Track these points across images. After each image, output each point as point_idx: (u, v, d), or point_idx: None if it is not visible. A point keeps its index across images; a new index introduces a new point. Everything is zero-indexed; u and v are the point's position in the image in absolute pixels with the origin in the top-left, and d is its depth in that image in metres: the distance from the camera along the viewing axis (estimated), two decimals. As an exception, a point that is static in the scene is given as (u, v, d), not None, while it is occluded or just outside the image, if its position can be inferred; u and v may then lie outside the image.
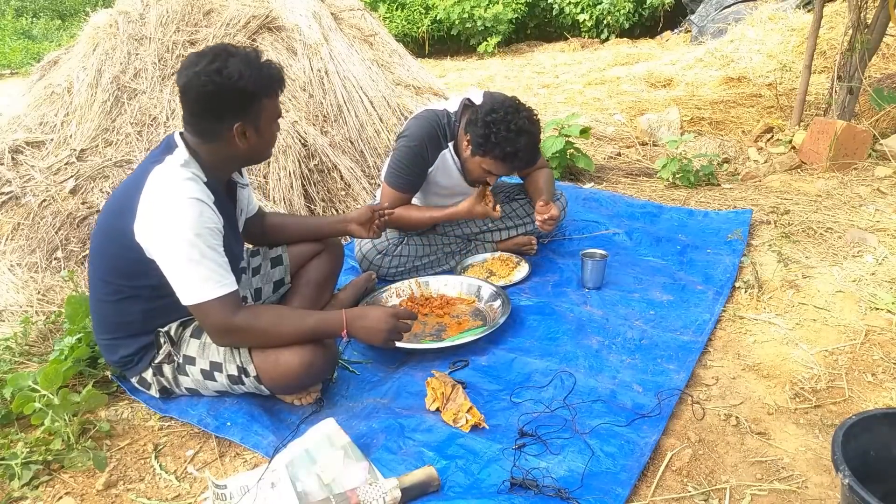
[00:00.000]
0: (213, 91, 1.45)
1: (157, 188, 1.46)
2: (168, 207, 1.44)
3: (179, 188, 1.45)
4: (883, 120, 4.02)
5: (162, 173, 1.47)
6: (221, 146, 1.55)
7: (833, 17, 5.98)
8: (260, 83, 1.50)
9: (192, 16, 3.44)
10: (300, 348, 1.58)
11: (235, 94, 1.47)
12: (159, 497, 1.46)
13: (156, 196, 1.45)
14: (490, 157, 2.14)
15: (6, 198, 2.71)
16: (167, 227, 1.43)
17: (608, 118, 5.13)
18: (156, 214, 1.45)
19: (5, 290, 2.36)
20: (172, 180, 1.46)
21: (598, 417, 1.63)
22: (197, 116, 1.52)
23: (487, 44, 10.12)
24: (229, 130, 1.51)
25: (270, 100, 1.56)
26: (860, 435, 1.23)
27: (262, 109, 1.54)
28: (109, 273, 1.58)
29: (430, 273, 2.46)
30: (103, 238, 1.58)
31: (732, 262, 2.48)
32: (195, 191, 1.46)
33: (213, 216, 1.49)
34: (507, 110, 2.08)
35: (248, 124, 1.53)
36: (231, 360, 1.62)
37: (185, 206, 1.43)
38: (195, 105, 1.50)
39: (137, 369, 1.68)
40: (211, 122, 1.51)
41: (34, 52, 11.45)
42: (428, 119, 2.27)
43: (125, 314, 1.61)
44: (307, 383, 1.69)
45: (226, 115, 1.50)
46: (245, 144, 1.55)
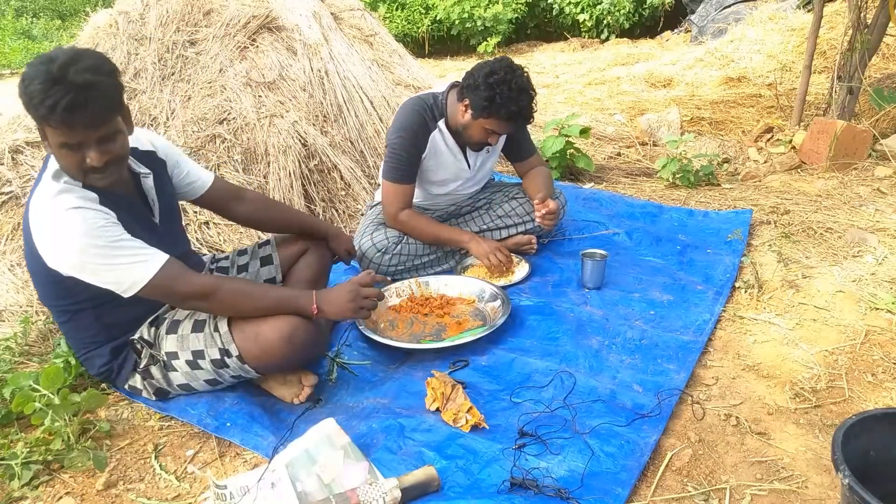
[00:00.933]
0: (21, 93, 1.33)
1: (38, 214, 1.42)
2: (54, 229, 1.40)
3: (54, 205, 1.39)
4: (883, 120, 4.02)
5: (37, 196, 1.43)
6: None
7: (833, 17, 5.98)
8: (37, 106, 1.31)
9: (192, 16, 3.44)
10: (278, 320, 1.57)
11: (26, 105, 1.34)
12: (159, 497, 1.46)
13: (40, 223, 1.42)
14: (495, 118, 2.17)
15: (6, 198, 2.71)
16: (64, 246, 1.40)
17: (608, 118, 5.13)
18: (48, 240, 1.42)
19: (5, 290, 2.36)
20: (46, 200, 1.41)
21: (598, 417, 1.63)
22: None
23: (487, 44, 10.11)
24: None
25: (49, 127, 1.35)
26: (860, 435, 1.23)
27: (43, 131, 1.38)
28: (48, 298, 1.61)
29: (430, 273, 2.46)
30: (29, 267, 1.59)
31: (732, 262, 2.48)
32: (70, 200, 1.40)
33: (98, 214, 1.42)
34: (506, 70, 2.14)
35: (44, 139, 1.40)
36: (212, 343, 1.61)
37: (66, 220, 1.38)
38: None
39: (123, 377, 1.70)
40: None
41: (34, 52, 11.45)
42: (413, 106, 2.30)
43: (82, 329, 1.64)
44: (292, 359, 1.65)
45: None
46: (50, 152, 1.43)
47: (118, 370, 1.69)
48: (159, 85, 3.17)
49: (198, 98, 3.14)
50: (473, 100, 2.17)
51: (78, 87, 1.29)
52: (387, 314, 2.18)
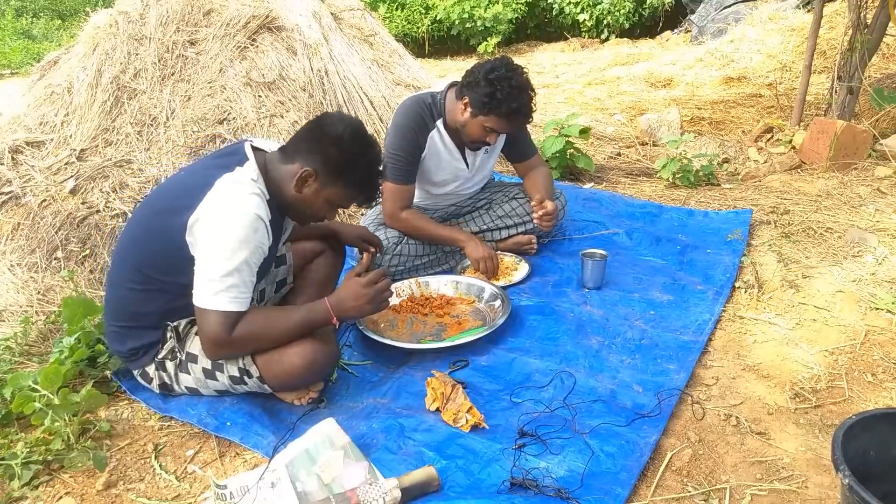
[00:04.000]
0: (333, 136, 1.57)
1: (224, 194, 1.49)
2: (228, 213, 1.47)
3: (246, 200, 1.49)
4: (883, 120, 4.02)
5: (232, 181, 1.51)
6: (286, 175, 1.60)
7: (833, 17, 5.98)
8: (360, 175, 1.62)
9: (192, 16, 3.44)
10: (302, 347, 1.59)
11: (338, 156, 1.57)
12: (159, 497, 1.46)
13: (220, 200, 1.48)
14: (494, 115, 2.16)
15: (6, 198, 2.71)
16: (221, 230, 1.46)
17: (608, 118, 5.13)
18: (216, 215, 1.47)
19: (5, 290, 2.36)
20: (241, 191, 1.50)
21: (598, 417, 1.63)
22: (302, 136, 1.61)
23: (487, 44, 10.11)
24: (300, 166, 1.57)
25: (348, 191, 1.63)
26: (860, 435, 1.23)
27: (335, 186, 1.61)
28: (144, 264, 1.59)
29: (430, 273, 2.46)
30: (147, 230, 1.59)
31: (732, 262, 2.48)
32: (259, 207, 1.50)
33: (264, 236, 1.53)
34: (506, 67, 2.14)
35: (316, 181, 1.59)
36: (233, 361, 1.63)
37: (244, 219, 1.47)
38: (314, 128, 1.60)
39: (142, 362, 1.69)
40: (304, 148, 1.59)
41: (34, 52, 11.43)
42: (411, 106, 2.30)
43: (146, 305, 1.63)
44: (310, 381, 1.70)
45: (316, 156, 1.57)
46: (296, 190, 1.59)
47: (141, 356, 1.68)
48: (159, 85, 3.17)
49: (198, 98, 3.14)
50: (473, 97, 2.17)
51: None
52: (387, 314, 2.18)
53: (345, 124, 1.59)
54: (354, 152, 1.59)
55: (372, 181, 1.66)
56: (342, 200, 1.66)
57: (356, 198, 1.68)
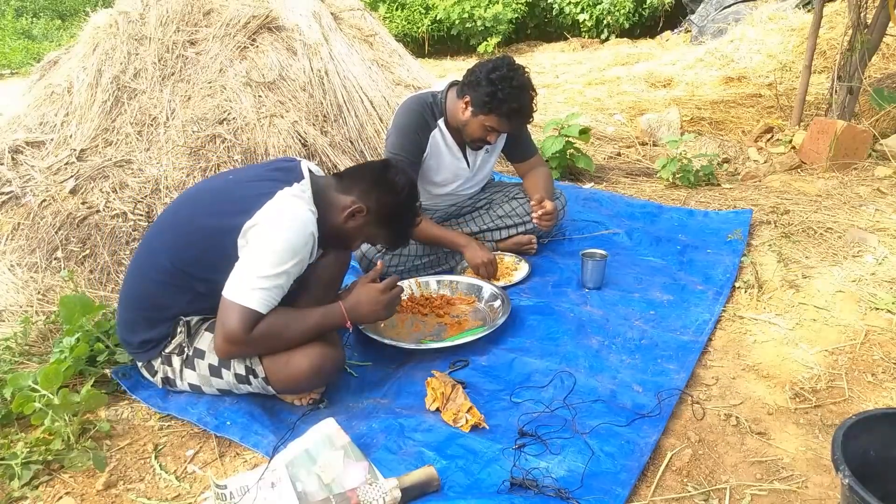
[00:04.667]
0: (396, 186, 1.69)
1: (286, 205, 1.55)
2: (287, 222, 1.52)
3: (305, 216, 1.56)
4: (883, 120, 4.02)
5: (292, 195, 1.57)
6: (336, 202, 1.67)
7: (833, 17, 5.98)
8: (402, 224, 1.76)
9: (192, 16, 3.44)
10: (310, 351, 1.59)
11: (391, 203, 1.70)
12: (159, 497, 1.46)
13: (281, 209, 1.54)
14: (495, 115, 2.17)
15: (6, 198, 2.71)
16: (276, 234, 1.51)
17: (608, 118, 5.13)
18: (273, 222, 1.52)
19: (5, 290, 2.36)
20: (301, 206, 1.57)
21: (598, 417, 1.63)
22: (363, 173, 1.74)
23: (487, 44, 10.11)
24: (354, 201, 1.66)
25: (387, 234, 1.76)
26: (860, 435, 1.23)
27: (380, 228, 1.72)
28: (183, 260, 1.60)
29: (430, 273, 2.46)
30: (194, 229, 1.60)
31: (732, 262, 2.48)
32: (313, 224, 1.57)
33: (310, 253, 1.59)
34: (508, 67, 2.14)
35: (365, 218, 1.68)
36: (240, 360, 1.63)
37: (300, 230, 1.53)
38: (378, 174, 1.72)
39: (149, 355, 1.69)
40: (363, 186, 1.69)
41: (34, 52, 11.43)
42: (412, 106, 2.30)
43: (170, 299, 1.64)
44: (315, 385, 1.71)
45: (371, 197, 1.68)
46: (341, 221, 1.67)
47: (150, 349, 1.69)
48: (159, 85, 3.17)
49: (198, 98, 3.14)
50: (474, 96, 2.17)
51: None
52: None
53: (407, 178, 1.74)
54: (407, 206, 1.73)
55: (408, 233, 1.80)
56: (377, 240, 1.79)
57: (389, 242, 1.81)
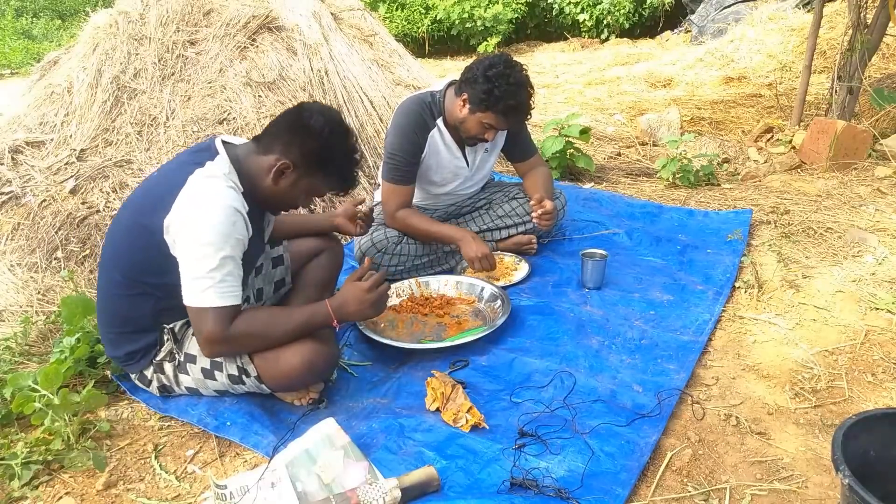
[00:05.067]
0: (311, 127, 1.55)
1: (198, 189, 1.48)
2: (205, 209, 1.46)
3: (221, 194, 1.48)
4: (883, 120, 4.02)
5: (204, 176, 1.50)
6: (262, 166, 1.58)
7: (833, 17, 5.98)
8: (336, 164, 1.61)
9: (192, 16, 3.44)
10: (300, 347, 1.58)
11: (316, 147, 1.56)
12: (159, 497, 1.46)
13: (195, 196, 1.48)
14: (492, 112, 2.16)
15: (6, 198, 2.71)
16: (198, 226, 1.45)
17: (608, 118, 5.13)
18: (192, 213, 1.46)
19: (5, 290, 2.36)
20: (215, 185, 1.49)
21: (598, 417, 1.63)
22: (280, 128, 1.59)
23: (487, 44, 10.11)
24: (278, 159, 1.56)
25: (325, 181, 1.63)
26: (860, 435, 1.23)
27: (311, 176, 1.60)
28: (128, 268, 1.58)
29: (430, 272, 2.46)
30: (127, 233, 1.58)
31: (732, 262, 2.48)
32: (234, 200, 1.50)
33: (243, 228, 1.52)
34: (506, 64, 2.14)
35: (293, 173, 1.58)
36: (231, 360, 1.63)
37: (221, 212, 1.46)
38: (290, 118, 1.59)
39: (139, 366, 1.69)
40: (281, 140, 1.57)
41: (34, 52, 11.43)
42: (411, 106, 2.30)
43: (136, 309, 1.62)
44: (309, 381, 1.70)
45: (292, 148, 1.56)
46: (273, 182, 1.58)
47: (139, 359, 1.68)
48: (159, 85, 3.17)
49: (198, 98, 3.14)
50: (472, 93, 2.17)
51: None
52: (387, 314, 2.18)
53: (325, 116, 1.57)
54: (333, 144, 1.58)
55: (350, 171, 1.65)
56: (319, 190, 1.66)
57: (334, 187, 1.68)
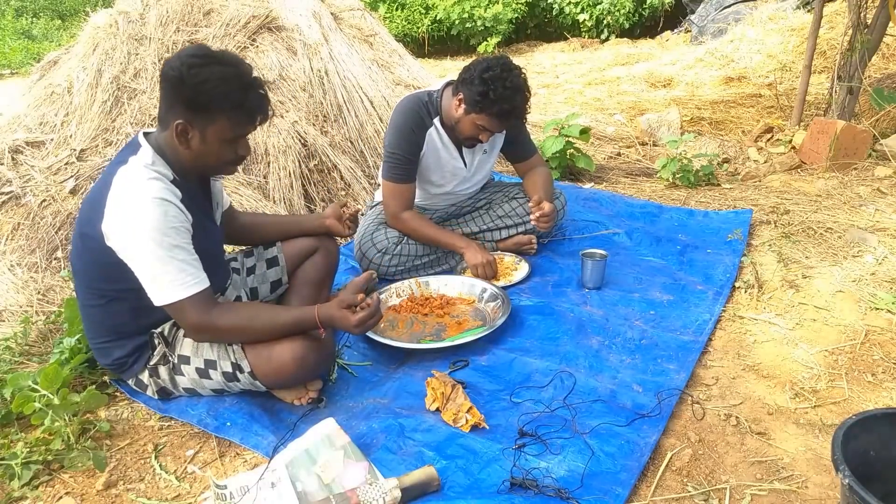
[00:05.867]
0: (174, 78, 1.44)
1: (122, 189, 1.46)
2: (132, 208, 1.43)
3: (142, 188, 1.44)
4: (883, 120, 4.02)
5: (126, 174, 1.47)
6: (170, 141, 1.52)
7: (833, 17, 5.99)
8: (222, 98, 1.46)
9: (192, 16, 3.44)
10: (292, 343, 1.58)
11: (190, 91, 1.45)
12: (159, 497, 1.46)
13: (120, 197, 1.45)
14: (486, 115, 2.16)
15: (6, 198, 2.71)
16: (132, 227, 1.43)
17: (608, 118, 5.13)
18: (121, 215, 1.44)
19: (5, 290, 2.36)
20: (136, 180, 1.46)
21: (598, 417, 1.63)
22: (160, 99, 1.52)
23: (487, 44, 10.11)
24: (172, 125, 1.49)
25: (228, 120, 1.49)
26: (860, 435, 1.23)
27: (212, 122, 1.49)
28: (91, 278, 1.59)
29: (430, 273, 2.46)
30: (79, 244, 1.58)
31: (732, 262, 2.48)
32: (159, 190, 1.45)
33: (179, 215, 1.48)
34: (503, 67, 2.13)
35: (193, 128, 1.49)
36: (225, 356, 1.63)
37: (148, 206, 1.42)
38: (160, 85, 1.50)
39: (133, 371, 1.69)
40: (165, 107, 1.51)
41: (34, 52, 11.43)
42: (408, 105, 2.30)
43: (114, 316, 1.62)
44: (302, 378, 1.70)
45: (176, 107, 1.48)
46: (185, 147, 1.51)
47: (131, 364, 1.68)
48: (159, 85, 3.16)
49: (198, 98, 3.14)
50: (467, 94, 2.17)
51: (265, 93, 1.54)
52: (387, 314, 2.18)
53: (180, 60, 1.45)
54: (203, 80, 1.44)
55: (243, 95, 1.48)
56: (232, 130, 1.52)
57: (242, 121, 1.52)
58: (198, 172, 1.63)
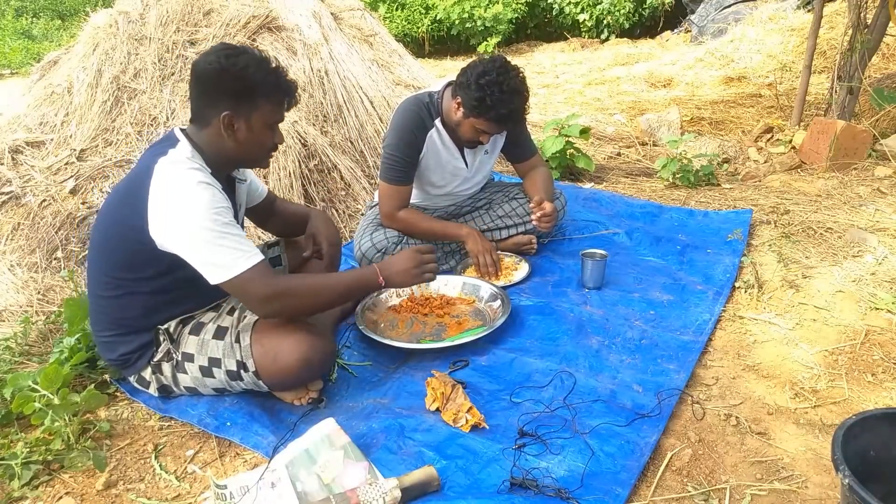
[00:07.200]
0: (214, 71, 1.50)
1: (167, 179, 1.48)
2: (181, 195, 1.46)
3: (189, 175, 1.48)
4: (883, 120, 4.02)
5: (168, 164, 1.50)
6: (213, 135, 1.56)
7: (833, 17, 5.99)
8: (262, 82, 1.54)
9: (192, 16, 3.44)
10: (298, 343, 1.59)
11: (233, 80, 1.51)
12: (159, 497, 1.46)
13: (166, 187, 1.47)
14: (484, 119, 2.16)
15: (6, 198, 2.71)
16: (184, 214, 1.45)
17: (608, 118, 5.13)
18: (170, 205, 1.46)
19: (5, 290, 2.37)
20: (180, 169, 1.49)
21: (598, 417, 1.63)
22: (196, 97, 1.57)
23: (487, 44, 10.11)
24: (218, 118, 1.53)
25: (269, 102, 1.57)
26: (860, 435, 1.23)
27: (256, 107, 1.55)
28: (112, 267, 1.58)
29: (430, 273, 2.46)
30: (106, 234, 1.58)
31: (732, 262, 2.48)
32: (203, 176, 1.50)
33: (223, 196, 1.52)
34: (499, 71, 2.12)
35: (239, 117, 1.55)
36: (230, 354, 1.63)
37: (197, 191, 1.46)
38: (197, 84, 1.55)
39: (136, 367, 1.69)
40: (206, 104, 1.55)
41: (34, 52, 11.42)
42: (409, 106, 2.30)
43: (126, 310, 1.62)
44: (305, 379, 1.70)
45: (220, 100, 1.53)
46: (232, 138, 1.56)
47: (135, 361, 1.68)
48: (159, 85, 3.17)
49: (198, 98, 3.14)
50: (465, 99, 2.17)
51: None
52: (387, 314, 2.18)
53: (215, 54, 1.52)
54: (242, 66, 1.51)
55: (274, 78, 1.57)
56: (273, 115, 1.60)
57: (280, 102, 1.61)
58: (238, 165, 1.67)
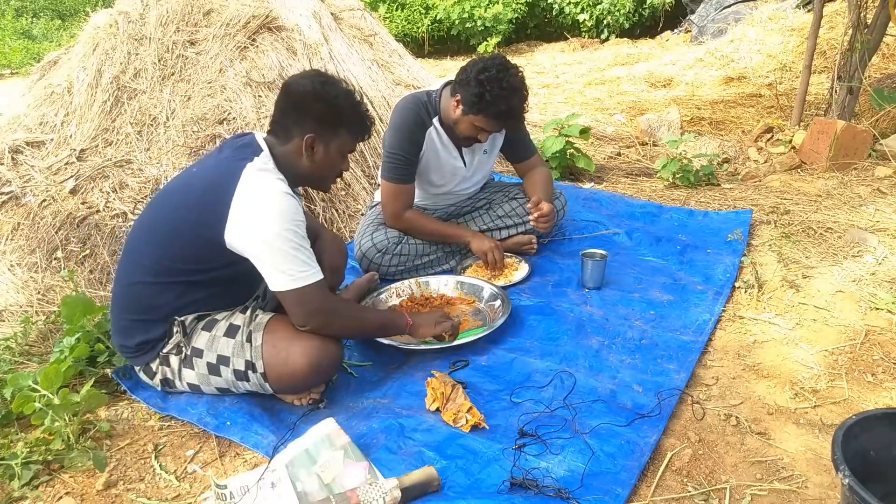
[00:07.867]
0: (308, 94, 1.61)
1: (255, 184, 1.54)
2: (268, 202, 1.53)
3: (277, 185, 1.55)
4: (883, 120, 4.02)
5: (256, 171, 1.56)
6: (292, 152, 1.64)
7: (833, 17, 5.99)
8: (349, 114, 1.66)
9: (192, 16, 3.44)
10: (308, 348, 1.60)
11: (324, 106, 1.62)
12: (159, 497, 1.46)
13: (254, 191, 1.53)
14: (483, 116, 2.17)
15: (6, 198, 2.71)
16: (266, 220, 1.51)
17: (608, 118, 5.13)
18: (254, 209, 1.52)
19: (5, 290, 2.37)
20: (270, 178, 1.56)
21: (598, 417, 1.63)
22: (284, 113, 1.64)
23: (487, 44, 10.11)
24: (301, 138, 1.62)
25: (350, 134, 1.69)
26: (860, 435, 1.23)
27: (337, 136, 1.66)
28: (168, 257, 1.60)
29: (430, 273, 2.46)
30: (175, 227, 1.59)
31: (732, 262, 2.48)
32: (286, 188, 1.57)
33: (301, 212, 1.59)
34: (499, 68, 2.12)
35: (320, 141, 1.64)
36: (240, 353, 1.63)
37: (284, 200, 1.53)
38: (288, 100, 1.63)
39: (147, 357, 1.69)
40: (293, 121, 1.63)
41: (34, 52, 11.43)
42: (408, 105, 2.30)
43: (158, 298, 1.63)
44: (312, 384, 1.71)
45: (307, 121, 1.62)
46: (310, 160, 1.65)
47: (147, 350, 1.68)
48: (159, 85, 3.17)
49: (198, 98, 3.14)
50: (464, 96, 2.17)
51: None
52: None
53: (309, 79, 1.64)
54: (334, 96, 1.63)
55: (360, 112, 1.69)
56: (349, 145, 1.71)
57: (358, 133, 1.72)
58: (305, 183, 1.76)
